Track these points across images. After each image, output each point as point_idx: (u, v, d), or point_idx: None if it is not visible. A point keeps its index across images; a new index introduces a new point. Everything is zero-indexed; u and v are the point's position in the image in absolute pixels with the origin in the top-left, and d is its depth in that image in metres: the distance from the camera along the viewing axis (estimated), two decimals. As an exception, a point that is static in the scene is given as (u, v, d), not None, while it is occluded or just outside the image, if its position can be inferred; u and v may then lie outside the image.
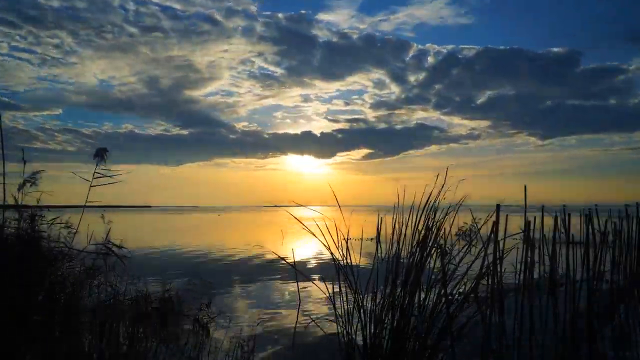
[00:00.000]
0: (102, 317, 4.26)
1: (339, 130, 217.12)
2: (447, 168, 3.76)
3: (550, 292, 7.16)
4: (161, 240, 21.84)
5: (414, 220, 3.72)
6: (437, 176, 3.74)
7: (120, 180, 4.08)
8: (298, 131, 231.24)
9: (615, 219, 8.75)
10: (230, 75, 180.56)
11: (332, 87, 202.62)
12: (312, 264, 12.76)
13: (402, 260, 3.64)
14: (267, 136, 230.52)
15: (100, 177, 3.97)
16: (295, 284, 8.96)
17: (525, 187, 4.88)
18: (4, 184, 3.74)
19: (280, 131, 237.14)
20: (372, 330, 3.52)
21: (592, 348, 5.02)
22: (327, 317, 6.33)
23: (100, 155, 3.92)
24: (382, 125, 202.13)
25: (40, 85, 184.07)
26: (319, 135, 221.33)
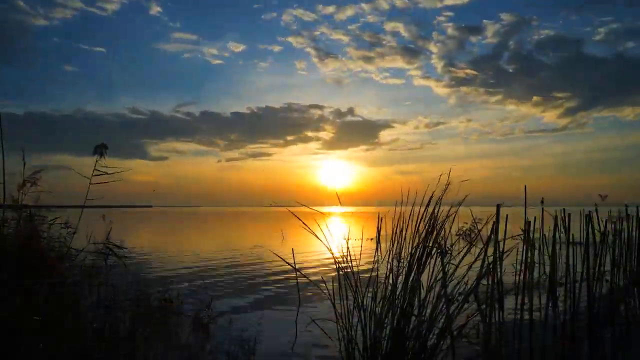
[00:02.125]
0: (102, 317, 4.26)
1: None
2: (450, 170, 3.76)
3: (550, 292, 7.17)
4: (162, 240, 21.86)
5: (414, 220, 3.72)
6: (440, 176, 3.74)
7: (120, 179, 4.06)
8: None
9: (615, 219, 8.75)
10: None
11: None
12: (314, 264, 12.76)
13: (402, 260, 3.64)
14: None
15: (100, 174, 3.93)
16: (296, 283, 8.96)
17: (525, 187, 4.89)
18: (3, 184, 3.73)
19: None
20: (372, 330, 3.52)
21: (592, 348, 5.02)
22: (327, 317, 6.33)
23: (99, 151, 3.87)
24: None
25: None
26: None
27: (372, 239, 18.59)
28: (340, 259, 3.78)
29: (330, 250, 3.72)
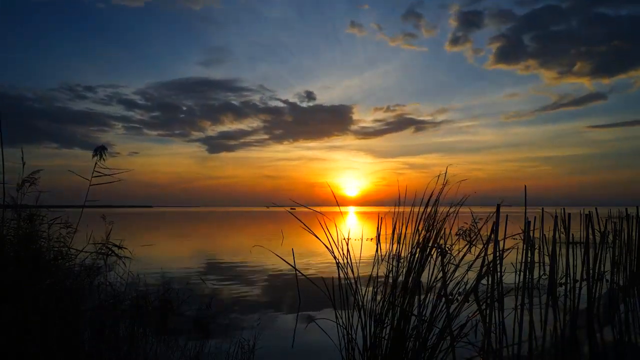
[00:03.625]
0: (102, 317, 4.26)
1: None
2: (447, 167, 3.76)
3: (550, 292, 7.16)
4: (162, 241, 21.84)
5: (414, 219, 3.72)
6: (438, 176, 3.74)
7: (120, 179, 4.05)
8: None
9: (615, 219, 8.76)
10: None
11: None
12: (314, 264, 12.76)
13: (402, 260, 3.64)
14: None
15: (100, 175, 3.93)
16: (295, 283, 8.96)
17: (525, 187, 4.88)
18: (3, 184, 3.73)
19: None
20: (372, 330, 3.52)
21: (592, 348, 5.02)
22: (327, 317, 6.33)
23: (100, 153, 3.87)
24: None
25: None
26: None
27: (372, 239, 18.60)
28: (340, 259, 3.77)
29: (329, 250, 3.72)
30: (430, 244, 3.57)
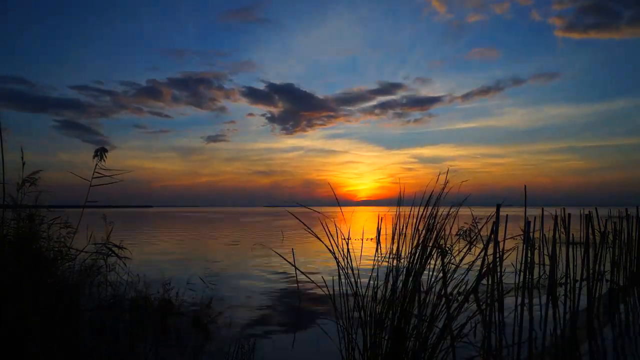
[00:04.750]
0: (102, 317, 4.26)
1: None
2: (448, 169, 3.76)
3: (550, 292, 7.17)
4: (162, 240, 21.84)
5: (413, 219, 3.72)
6: (439, 175, 3.74)
7: (120, 180, 4.06)
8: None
9: (616, 219, 8.76)
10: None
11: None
12: (314, 264, 12.76)
13: (402, 260, 3.64)
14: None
15: (100, 176, 3.94)
16: (295, 283, 8.96)
17: (525, 187, 4.88)
18: (3, 183, 3.73)
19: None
20: (372, 330, 3.52)
21: (592, 348, 5.02)
22: (327, 317, 6.33)
23: (100, 155, 3.89)
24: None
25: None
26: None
27: (372, 239, 18.61)
28: (341, 259, 3.77)
29: (330, 250, 3.72)
30: (430, 244, 3.57)
